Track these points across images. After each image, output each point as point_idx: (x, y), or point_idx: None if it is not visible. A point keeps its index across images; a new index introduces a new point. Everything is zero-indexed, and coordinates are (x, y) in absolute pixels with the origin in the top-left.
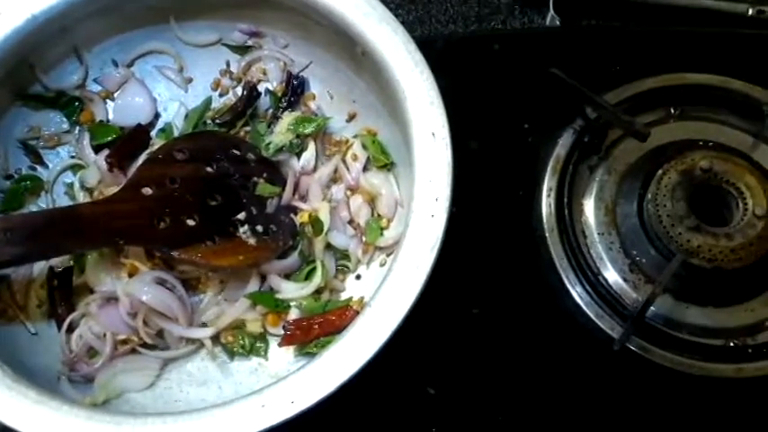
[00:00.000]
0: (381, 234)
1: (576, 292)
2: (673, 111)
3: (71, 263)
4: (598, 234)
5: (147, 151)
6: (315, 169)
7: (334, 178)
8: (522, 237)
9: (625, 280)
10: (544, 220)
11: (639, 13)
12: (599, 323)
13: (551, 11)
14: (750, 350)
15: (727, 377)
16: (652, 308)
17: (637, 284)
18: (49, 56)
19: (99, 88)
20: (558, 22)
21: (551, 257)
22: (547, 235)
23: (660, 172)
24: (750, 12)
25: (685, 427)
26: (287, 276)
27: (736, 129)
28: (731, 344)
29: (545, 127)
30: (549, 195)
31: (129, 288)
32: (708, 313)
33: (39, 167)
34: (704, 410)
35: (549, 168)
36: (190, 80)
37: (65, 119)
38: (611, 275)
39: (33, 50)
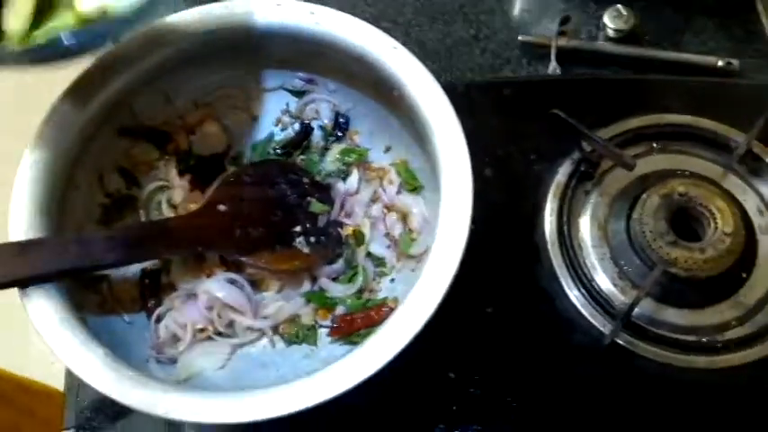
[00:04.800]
0: (412, 245)
1: (573, 296)
2: (655, 145)
3: (159, 266)
4: (592, 247)
5: (222, 175)
6: (357, 191)
7: (374, 199)
8: (528, 249)
9: (615, 285)
10: (547, 236)
11: (627, 63)
12: (592, 321)
13: (553, 62)
14: (719, 345)
15: (700, 368)
16: (637, 309)
17: (624, 289)
18: (143, 99)
19: (183, 124)
20: (558, 71)
21: (552, 266)
22: (549, 247)
23: (644, 196)
24: (720, 63)
25: (665, 409)
26: (334, 279)
27: (708, 160)
28: (704, 340)
29: (548, 158)
30: (551, 215)
31: (206, 287)
32: (684, 314)
33: (133, 188)
34: (681, 395)
35: (550, 192)
36: (256, 117)
37: (155, 149)
38: (603, 281)
39: (132, 95)
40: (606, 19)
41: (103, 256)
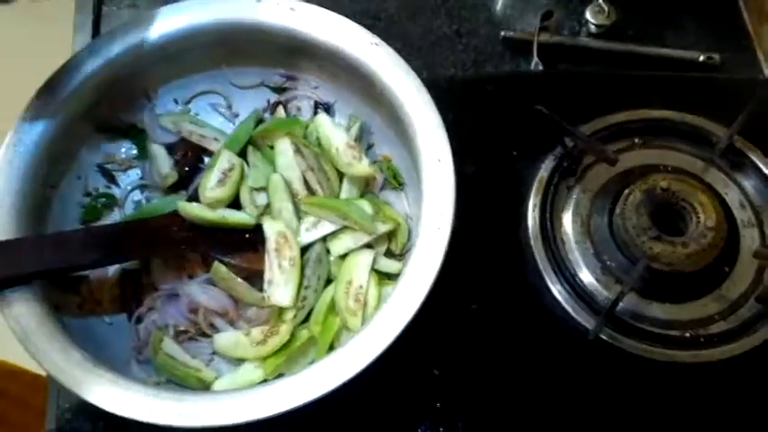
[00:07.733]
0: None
1: (557, 291)
2: (637, 140)
3: (140, 266)
4: (575, 242)
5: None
6: None
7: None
8: (511, 245)
9: (598, 281)
10: (530, 231)
11: (609, 59)
12: (576, 317)
13: (535, 57)
14: (703, 339)
15: (684, 362)
16: (621, 304)
17: (607, 284)
18: (122, 96)
19: None
20: (540, 67)
21: (536, 262)
22: (532, 243)
23: (627, 191)
24: (701, 58)
25: (649, 404)
26: None
27: (690, 155)
28: (687, 334)
29: (530, 154)
30: (533, 210)
31: (188, 290)
32: (667, 309)
33: (113, 186)
34: (665, 390)
35: (533, 188)
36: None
37: (135, 147)
38: (586, 277)
39: (110, 91)
40: (588, 14)
41: (82, 257)
